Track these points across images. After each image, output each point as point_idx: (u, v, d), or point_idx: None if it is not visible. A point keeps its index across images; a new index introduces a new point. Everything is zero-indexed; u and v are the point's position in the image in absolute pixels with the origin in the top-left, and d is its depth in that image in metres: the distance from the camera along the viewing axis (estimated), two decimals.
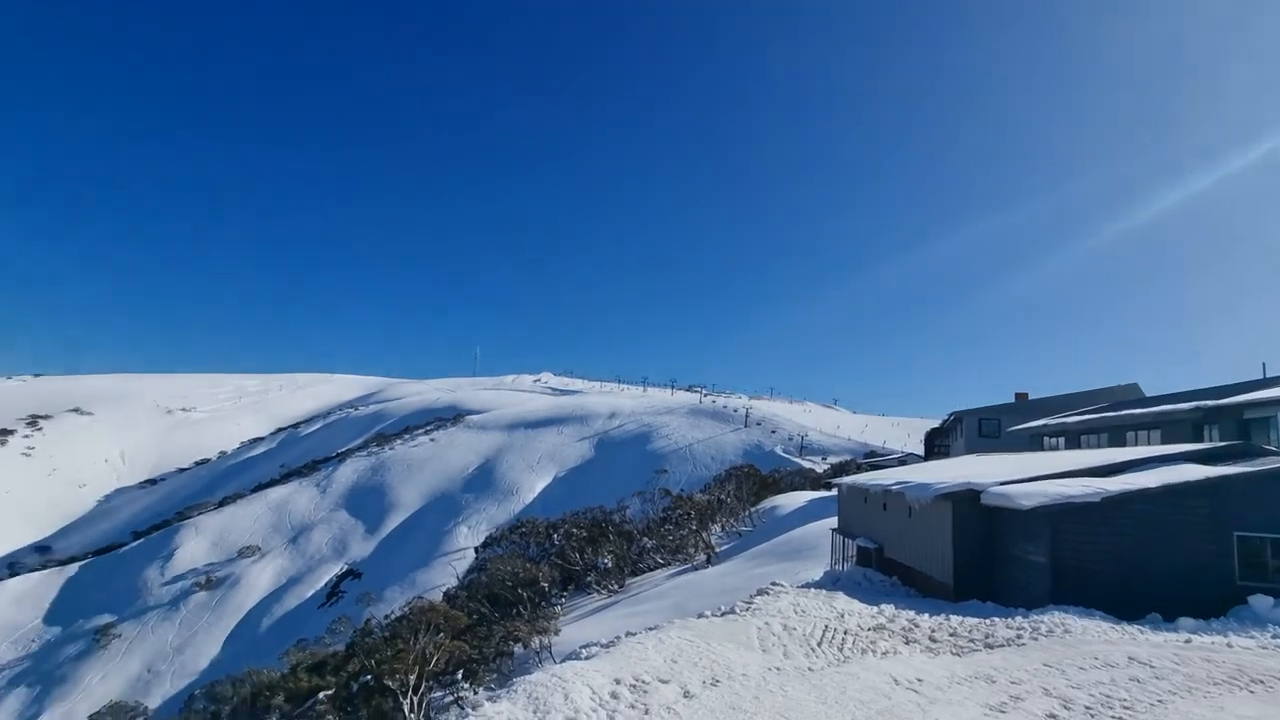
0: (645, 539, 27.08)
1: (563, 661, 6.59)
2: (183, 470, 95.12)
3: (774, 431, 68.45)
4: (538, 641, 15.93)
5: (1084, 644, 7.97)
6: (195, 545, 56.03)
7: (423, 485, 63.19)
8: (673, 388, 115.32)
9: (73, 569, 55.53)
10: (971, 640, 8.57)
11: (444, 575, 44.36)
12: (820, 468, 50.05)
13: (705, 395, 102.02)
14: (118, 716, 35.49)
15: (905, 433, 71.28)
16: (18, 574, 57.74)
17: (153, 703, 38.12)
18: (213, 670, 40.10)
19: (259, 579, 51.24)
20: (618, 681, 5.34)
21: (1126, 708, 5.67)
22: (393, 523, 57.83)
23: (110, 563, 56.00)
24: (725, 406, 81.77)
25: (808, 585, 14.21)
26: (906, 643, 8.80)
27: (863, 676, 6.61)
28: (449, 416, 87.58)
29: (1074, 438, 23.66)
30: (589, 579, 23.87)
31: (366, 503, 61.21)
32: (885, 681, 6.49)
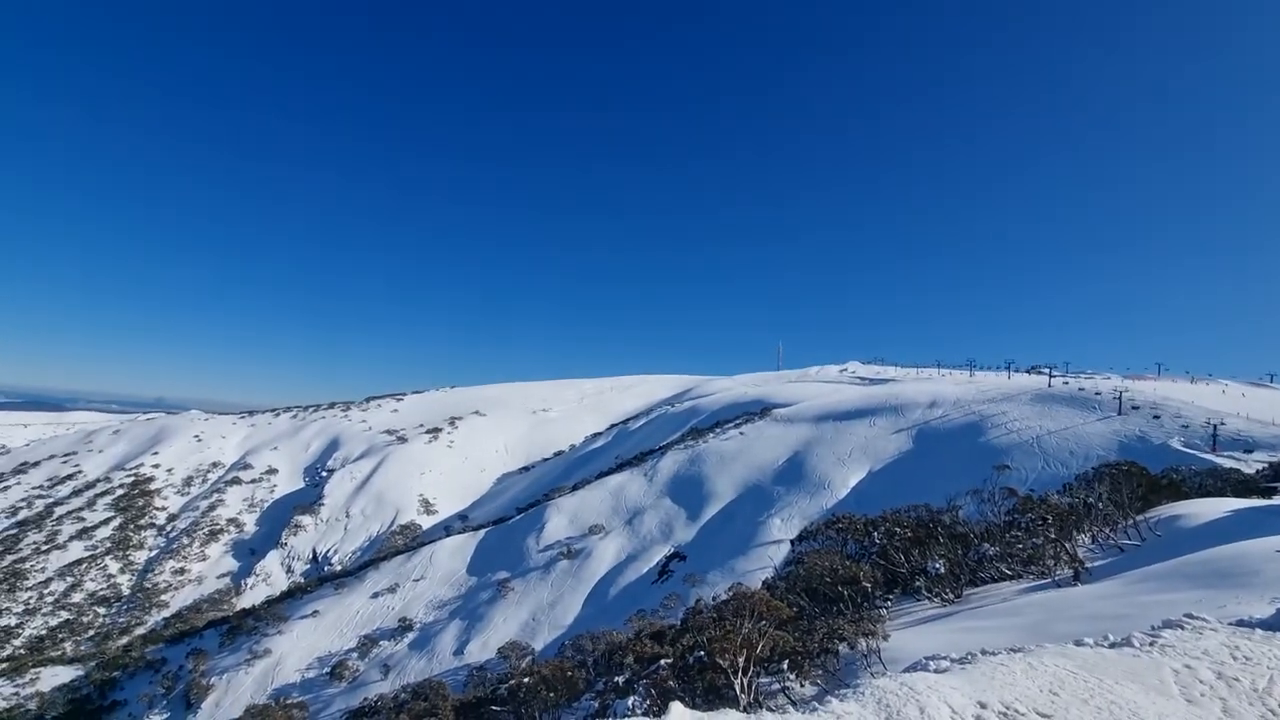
0: (985, 545, 23.44)
1: (904, 671, 5.84)
2: (546, 460, 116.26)
3: (1167, 419, 53.54)
4: (864, 644, 14.93)
5: None
6: (558, 521, 67.71)
7: (735, 477, 65.82)
8: (1009, 370, 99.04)
9: (482, 534, 72.07)
10: None
11: (760, 564, 45.39)
12: (1249, 467, 37.30)
13: (1056, 377, 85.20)
14: (515, 652, 44.78)
15: None
16: (451, 535, 77.50)
17: (537, 645, 47.19)
18: (576, 625, 47.96)
19: (605, 553, 59.50)
20: (982, 705, 4.43)
21: None
22: (710, 511, 61.48)
23: (503, 531, 71.18)
24: (1086, 390, 66.98)
25: (1244, 623, 10.51)
26: None
27: None
28: (756, 410, 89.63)
29: None
30: (917, 584, 21.60)
31: (686, 491, 66.28)
32: None
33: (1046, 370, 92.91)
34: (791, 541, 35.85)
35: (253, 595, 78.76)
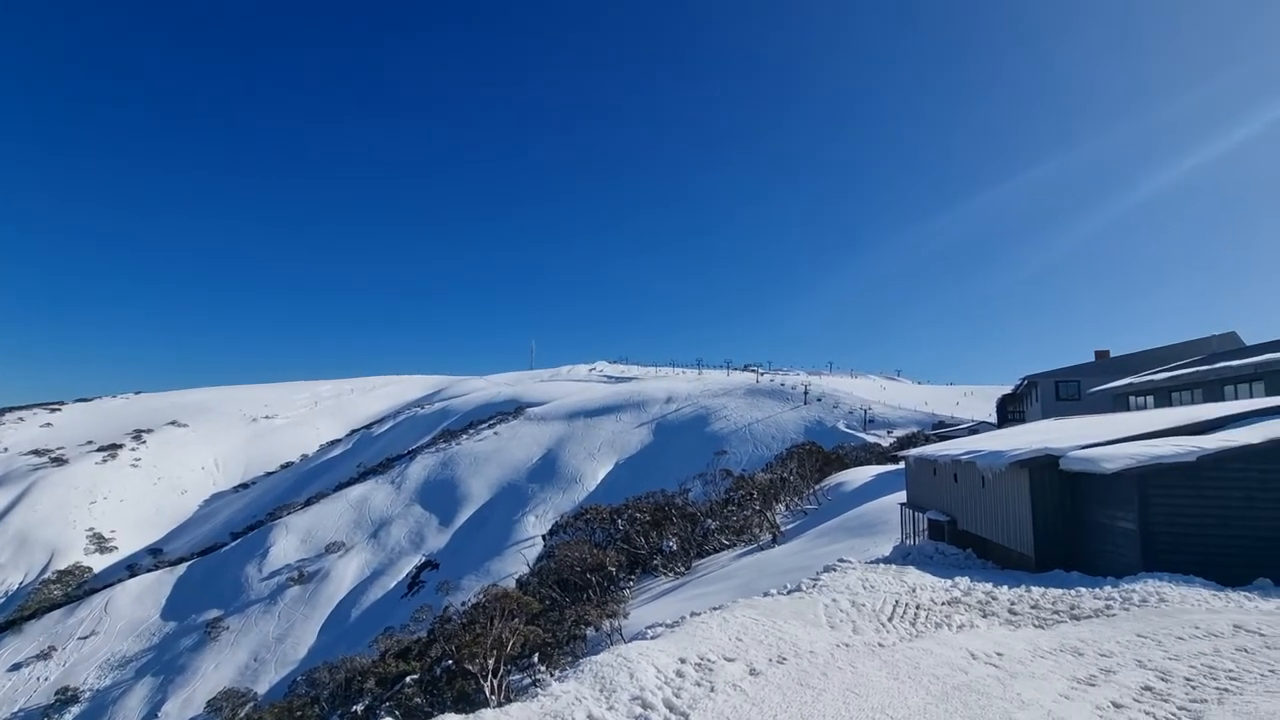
0: (709, 520, 27.06)
1: (629, 642, 6.70)
2: (270, 474, 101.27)
3: (835, 407, 66.96)
4: (608, 624, 16.22)
5: (1182, 613, 7.47)
6: (286, 543, 59.70)
7: (490, 478, 65.14)
8: (728, 368, 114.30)
9: (182, 569, 60.17)
10: (1056, 612, 8.18)
11: (516, 563, 45.75)
12: (886, 441, 48.71)
13: (762, 374, 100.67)
14: (231, 702, 38.43)
15: (977, 401, 68.46)
16: (136, 574, 63.08)
17: (260, 689, 41.10)
18: (311, 658, 42.87)
19: (346, 572, 54.20)
20: (683, 660, 5.35)
21: (1233, 678, 5.27)
22: (464, 515, 59.93)
23: (214, 562, 60.38)
24: (783, 384, 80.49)
25: (877, 561, 13.90)
26: (984, 616, 8.47)
27: (937, 651, 6.39)
28: (510, 410, 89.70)
29: (1164, 395, 22.11)
30: (655, 562, 24.07)
31: (439, 497, 63.62)
32: (961, 656, 6.26)
33: (755, 368, 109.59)
34: (544, 536, 36.91)
35: None
